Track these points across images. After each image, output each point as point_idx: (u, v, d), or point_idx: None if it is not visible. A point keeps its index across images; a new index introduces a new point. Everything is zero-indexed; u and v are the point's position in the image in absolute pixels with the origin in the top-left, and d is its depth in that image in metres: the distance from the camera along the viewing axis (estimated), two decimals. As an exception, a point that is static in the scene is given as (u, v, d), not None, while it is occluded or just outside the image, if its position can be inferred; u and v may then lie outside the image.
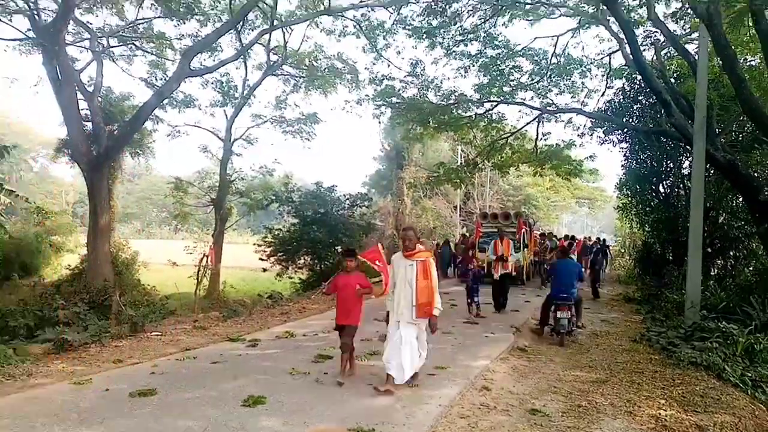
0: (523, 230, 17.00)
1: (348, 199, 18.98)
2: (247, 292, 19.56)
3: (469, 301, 10.78)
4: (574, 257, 14.48)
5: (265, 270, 18.20)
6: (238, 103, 19.59)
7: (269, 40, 19.11)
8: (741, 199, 17.80)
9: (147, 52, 20.01)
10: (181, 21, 18.56)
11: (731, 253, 17.08)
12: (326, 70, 20.63)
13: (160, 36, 19.54)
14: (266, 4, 17.37)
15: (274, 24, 17.84)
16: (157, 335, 8.64)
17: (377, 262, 6.51)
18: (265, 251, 17.90)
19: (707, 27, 9.43)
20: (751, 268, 16.62)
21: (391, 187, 29.03)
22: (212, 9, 18.99)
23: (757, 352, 7.20)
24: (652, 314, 11.41)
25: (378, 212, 24.83)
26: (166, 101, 18.38)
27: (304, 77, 21.05)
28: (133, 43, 19.36)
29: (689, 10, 15.78)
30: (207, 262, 14.27)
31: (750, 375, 6.57)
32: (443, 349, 7.30)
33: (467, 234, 24.44)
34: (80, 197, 54.66)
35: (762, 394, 6.21)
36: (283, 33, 19.27)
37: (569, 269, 9.43)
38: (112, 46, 19.08)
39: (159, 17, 18.82)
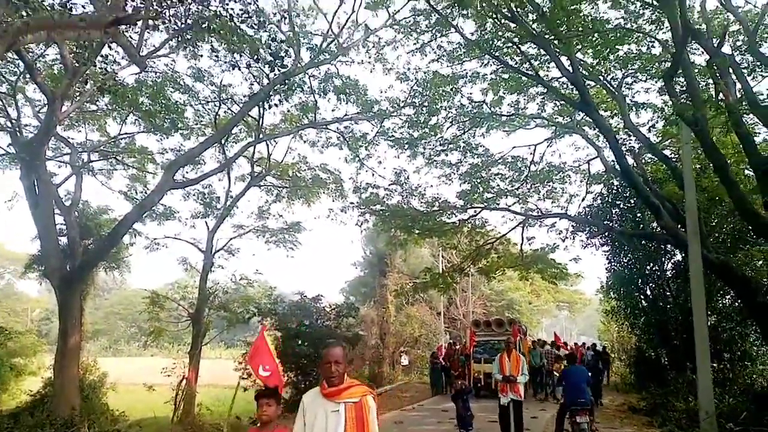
0: (518, 338, 16.50)
1: (334, 309, 18.33)
2: (223, 413, 18.13)
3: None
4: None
5: (246, 389, 16.94)
6: (220, 215, 19.32)
7: (253, 152, 19.25)
8: (729, 300, 17.88)
9: (128, 165, 19.92)
10: (164, 135, 18.73)
11: (726, 356, 16.71)
12: (310, 180, 20.74)
13: (142, 150, 19.57)
14: (252, 117, 17.67)
15: (259, 137, 18.05)
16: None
17: (264, 368, 4.91)
18: (246, 368, 16.78)
19: (695, 133, 9.73)
20: (747, 371, 16.29)
21: (372, 294, 28.45)
22: (196, 123, 19.23)
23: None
24: (668, 427, 10.73)
25: (361, 321, 24.00)
26: (145, 214, 18.01)
27: (287, 187, 21.09)
28: (115, 158, 19.29)
29: (658, 120, 16.76)
30: (185, 384, 13.19)
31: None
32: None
33: (453, 342, 23.73)
34: (46, 314, 52.27)
35: None
36: (267, 145, 19.50)
37: (580, 374, 9.50)
38: (93, 161, 18.96)
39: (142, 132, 18.94)
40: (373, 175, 19.33)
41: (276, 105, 15.91)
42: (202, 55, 15.18)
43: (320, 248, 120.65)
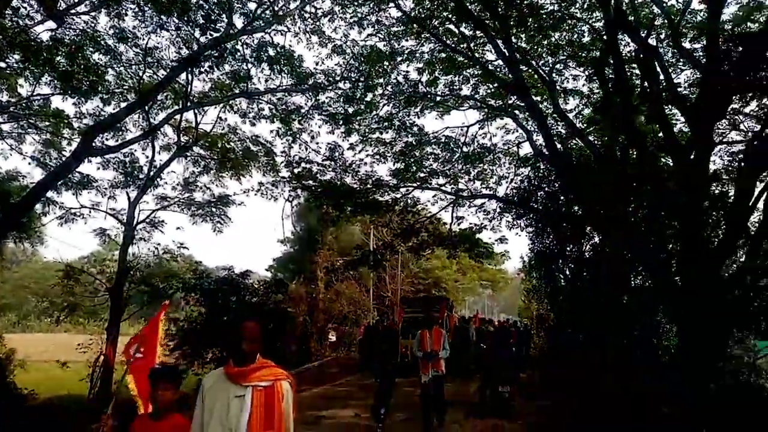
0: (446, 315, 16.86)
1: (263, 285, 17.97)
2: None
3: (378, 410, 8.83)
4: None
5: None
6: (142, 185, 18.34)
7: (180, 120, 18.36)
8: (640, 281, 19.01)
9: (41, 129, 18.49)
10: (82, 99, 17.48)
11: (635, 334, 17.79)
12: (240, 152, 20.08)
13: (57, 114, 18.19)
14: (179, 83, 16.82)
15: (187, 105, 17.22)
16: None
17: (139, 349, 4.25)
18: (168, 345, 16.19)
19: (621, 122, 10.14)
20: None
21: (301, 270, 28.19)
22: (118, 87, 18.07)
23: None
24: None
25: (290, 298, 23.73)
26: (60, 182, 16.86)
27: (216, 159, 20.32)
28: (27, 120, 17.84)
29: (584, 107, 17.43)
30: (103, 361, 12.58)
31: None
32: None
33: (380, 319, 23.97)
34: (-51, 286, 48.32)
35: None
36: (195, 114, 18.67)
37: (505, 349, 11.48)
38: (2, 123, 17.48)
39: (57, 94, 17.59)
40: (306, 149, 19.00)
41: (206, 71, 15.23)
42: (126, 14, 14.26)
43: (250, 223, 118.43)
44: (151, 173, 18.59)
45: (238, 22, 15.50)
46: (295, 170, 18.67)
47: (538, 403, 11.34)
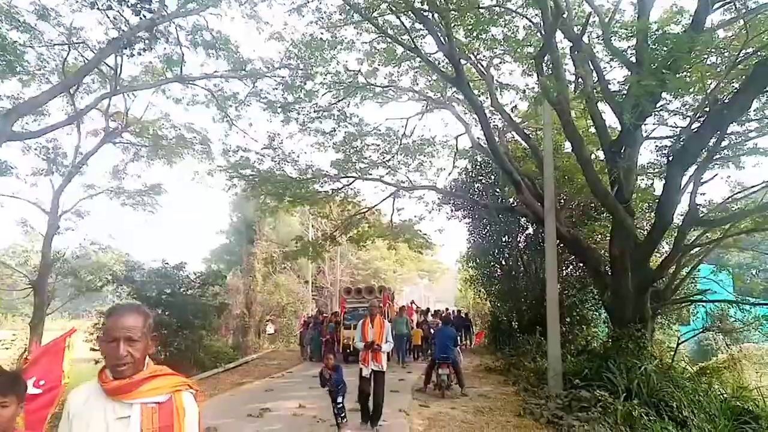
0: (387, 305, 16.96)
1: (199, 277, 17.45)
2: (70, 387, 16.63)
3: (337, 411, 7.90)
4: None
5: (97, 361, 15.67)
6: (68, 172, 17.30)
7: (108, 105, 17.43)
8: (570, 270, 19.86)
9: (-48, 111, 17.08)
10: (-1, 80, 16.27)
11: (567, 320, 18.55)
12: (173, 139, 19.31)
13: (-29, 95, 16.86)
14: (108, 66, 15.96)
15: (116, 89, 16.37)
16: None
17: (38, 382, 3.49)
18: (98, 338, 15.48)
19: (557, 112, 10.47)
20: (584, 333, 18.27)
21: (238, 262, 27.62)
22: (39, 68, 16.94)
23: (636, 419, 7.58)
24: (521, 385, 11.69)
25: (227, 290, 23.19)
26: (-25, 168, 15.67)
27: (147, 146, 19.46)
28: (-65, 100, 16.44)
29: (520, 101, 17.88)
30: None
31: (636, 443, 6.82)
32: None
33: (320, 310, 23.82)
34: None
35: (652, 461, 6.44)
36: (125, 98, 17.77)
37: (448, 335, 11.64)
38: None
39: (-29, 74, 16.30)
40: (244, 137, 18.51)
41: (138, 54, 14.48)
42: (49, -11, 13.34)
43: (184, 213, 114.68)
44: (77, 160, 17.58)
45: (172, 2, 14.89)
46: (232, 159, 18.17)
47: (477, 390, 11.60)
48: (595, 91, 11.57)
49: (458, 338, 12.56)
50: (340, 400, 7.69)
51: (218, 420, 8.37)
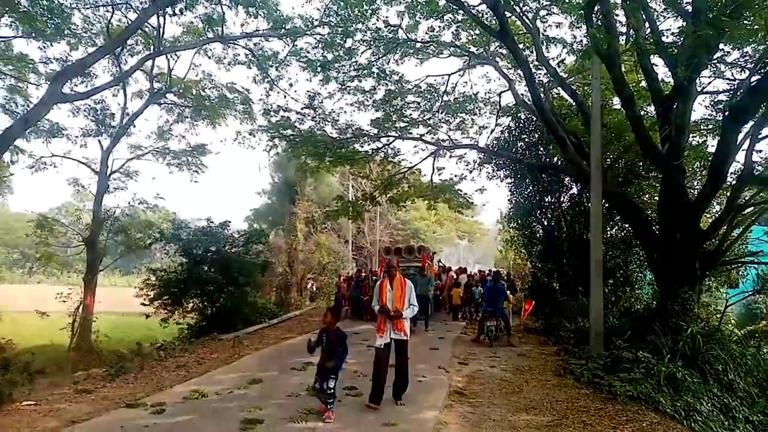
0: (427, 264, 17.00)
1: (243, 235, 17.83)
2: (121, 341, 17.55)
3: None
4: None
5: (148, 316, 16.38)
6: (116, 133, 17.79)
7: (152, 66, 17.73)
8: (615, 231, 19.38)
9: (4, 74, 17.65)
10: (48, 43, 16.65)
11: (610, 282, 18.22)
12: (215, 99, 19.50)
13: (21, 58, 17.34)
14: (150, 27, 16.11)
15: (159, 50, 16.54)
16: (31, 405, 7.15)
17: None
18: (148, 295, 16.12)
19: (607, 67, 10.02)
20: (627, 295, 17.92)
21: (280, 221, 28.05)
22: (85, 31, 17.25)
23: (680, 381, 7.45)
24: (562, 345, 11.63)
25: (270, 248, 23.65)
26: (29, 130, 16.23)
27: (190, 106, 19.73)
28: (-11, 64, 17.01)
29: (567, 56, 17.20)
30: (82, 311, 12.46)
31: (680, 405, 6.74)
32: (384, 401, 6.69)
33: (359, 269, 24.08)
34: None
35: (695, 423, 6.36)
36: (168, 59, 17.98)
37: (498, 291, 13.08)
38: (-40, 66, 16.63)
39: (20, 37, 16.72)
40: (284, 97, 18.52)
41: (178, 14, 14.57)
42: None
43: (227, 173, 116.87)
44: (124, 121, 18.01)
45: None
46: (273, 119, 18.22)
47: (517, 349, 11.63)
48: (647, 43, 11.00)
49: (507, 293, 14.24)
50: (332, 385, 5.94)
51: (263, 372, 8.65)
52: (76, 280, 23.22)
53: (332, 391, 6.00)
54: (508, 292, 15.53)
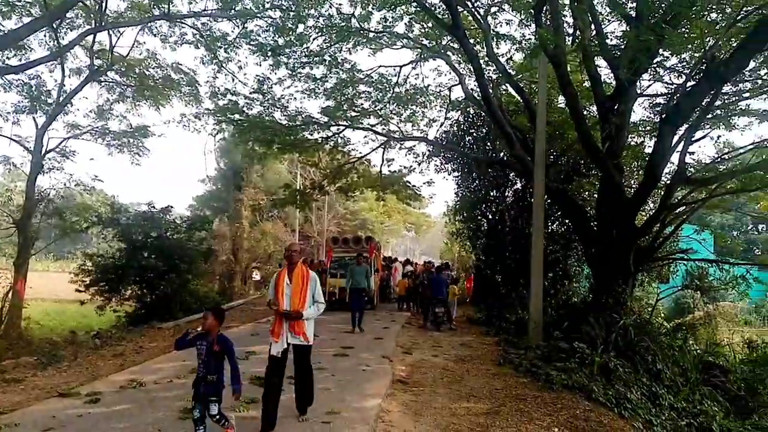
0: (374, 255, 17.08)
1: (185, 222, 17.36)
2: (54, 328, 16.82)
3: None
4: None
5: (83, 303, 15.73)
6: (52, 111, 16.86)
7: (93, 41, 16.87)
8: (555, 226, 20.03)
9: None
10: (-25, 10, 15.60)
11: (550, 275, 18.82)
12: (160, 79, 18.81)
13: (-55, 25, 16.19)
14: (92, 0, 15.36)
15: (101, 25, 15.81)
16: (-49, 396, 6.75)
17: None
18: (83, 281, 15.48)
19: (554, 66, 10.29)
20: (565, 288, 18.58)
21: (225, 208, 27.49)
22: (19, 0, 16.25)
23: (612, 371, 7.81)
24: (502, 336, 11.95)
25: (214, 236, 23.15)
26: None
27: (132, 86, 18.95)
28: None
29: (515, 53, 17.57)
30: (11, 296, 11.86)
31: (611, 393, 7.06)
32: (327, 390, 6.71)
33: (309, 260, 23.93)
34: None
35: (625, 410, 6.68)
36: (110, 36, 17.18)
37: (441, 280, 14.06)
38: None
39: (-55, 5, 15.60)
40: (233, 80, 18.09)
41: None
42: None
43: (171, 157, 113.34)
44: (61, 98, 17.12)
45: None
46: (221, 102, 17.79)
47: (459, 339, 11.89)
48: (592, 44, 11.36)
49: (449, 283, 14.75)
50: (214, 411, 4.63)
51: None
52: (4, 265, 22.04)
53: (217, 417, 4.66)
54: (450, 282, 15.82)
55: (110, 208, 17.53)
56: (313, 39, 17.09)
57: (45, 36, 16.67)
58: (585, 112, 12.91)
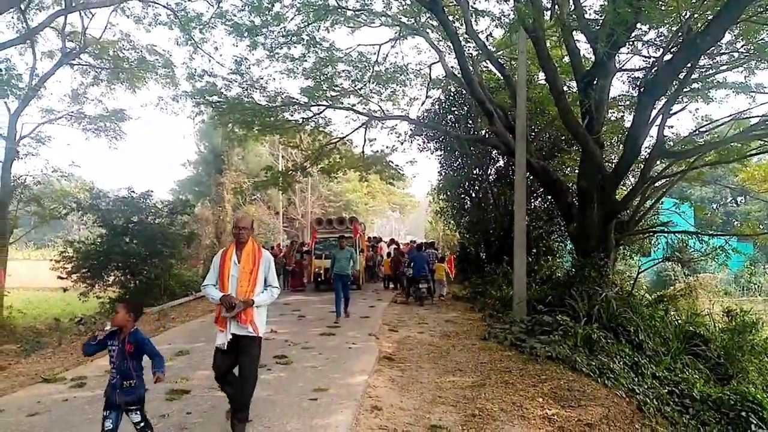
0: (358, 236, 17.09)
1: (167, 206, 17.16)
2: (38, 316, 16.65)
3: None
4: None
5: (65, 290, 15.56)
6: (24, 95, 16.48)
7: (64, 23, 16.46)
8: (539, 203, 20.22)
9: None
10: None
11: (534, 251, 19.02)
12: (134, 62, 18.44)
13: None
14: (61, -20, 14.97)
15: (71, 5, 15.41)
16: (-67, 385, 6.67)
17: None
18: (65, 268, 15.29)
19: (532, 40, 10.28)
20: (549, 263, 18.82)
21: (207, 192, 27.27)
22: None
23: (595, 342, 7.95)
24: (487, 312, 12.08)
25: (196, 220, 22.96)
26: None
27: (107, 69, 18.55)
28: None
29: (494, 29, 17.48)
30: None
31: (594, 364, 7.19)
32: (314, 368, 6.75)
33: (294, 241, 23.91)
34: None
35: (608, 380, 6.81)
36: (82, 17, 16.75)
37: (422, 258, 14.36)
38: None
39: None
40: (209, 61, 17.77)
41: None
42: None
43: (150, 142, 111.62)
44: (33, 83, 16.72)
45: None
46: (198, 84, 17.48)
47: (444, 316, 12.00)
48: (570, 19, 11.35)
49: (429, 261, 15.04)
50: (137, 419, 3.98)
51: (190, 344, 8.50)
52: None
53: (142, 425, 4.00)
54: (438, 261, 15.93)
55: (89, 193, 17.26)
56: (291, 18, 16.82)
57: (13, 18, 16.22)
58: (565, 88, 12.96)
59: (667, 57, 10.49)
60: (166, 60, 18.58)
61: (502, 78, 15.35)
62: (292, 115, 18.43)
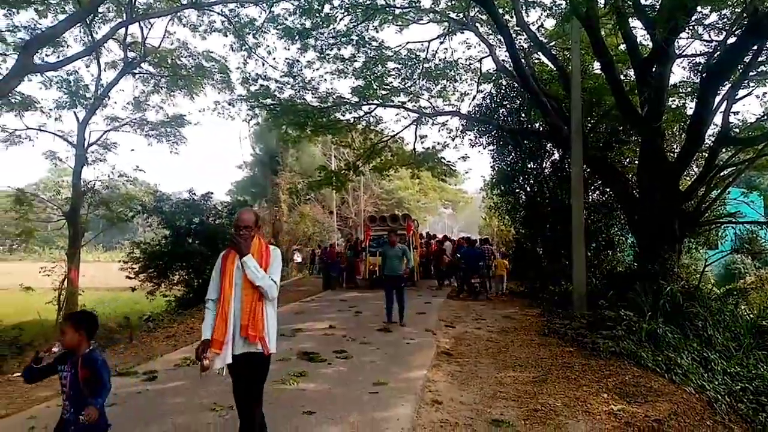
0: (411, 232, 17.14)
1: (226, 207, 17.72)
2: (109, 315, 17.51)
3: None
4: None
5: (134, 289, 16.33)
6: (91, 105, 17.38)
7: (125, 34, 17.26)
8: (597, 195, 19.63)
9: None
10: (14, 9, 16.08)
11: (593, 245, 18.50)
12: (192, 68, 19.12)
13: (-14, 26, 16.76)
14: (122, -6, 15.67)
15: (132, 17, 16.11)
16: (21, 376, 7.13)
17: None
18: (132, 268, 16.04)
19: (587, 31, 10.02)
20: (609, 258, 18.25)
21: (263, 193, 27.92)
22: (53, -1, 16.67)
23: (661, 337, 7.68)
24: (546, 307, 11.88)
25: (254, 220, 23.52)
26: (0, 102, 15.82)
27: (166, 76, 19.32)
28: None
29: (546, 19, 17.10)
30: (67, 284, 12.39)
31: (661, 359, 6.95)
32: (372, 362, 6.83)
33: (358, 238, 24.18)
34: None
35: (675, 376, 6.56)
36: (141, 27, 17.54)
37: (476, 254, 15.01)
38: None
39: (-16, 5, 16.09)
40: (263, 65, 18.20)
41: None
42: None
43: (208, 146, 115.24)
44: (99, 92, 17.59)
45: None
46: (252, 88, 17.95)
47: (502, 312, 11.88)
48: (626, 5, 10.99)
49: (483, 256, 15.44)
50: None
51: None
52: (58, 257, 22.99)
53: None
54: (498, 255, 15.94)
55: (153, 196, 18.02)
56: (340, 19, 17.05)
57: (80, 32, 17.12)
58: (622, 76, 12.57)
59: (731, 40, 10.01)
60: (222, 66, 19.17)
61: (555, 69, 15.00)
62: (343, 115, 18.68)
